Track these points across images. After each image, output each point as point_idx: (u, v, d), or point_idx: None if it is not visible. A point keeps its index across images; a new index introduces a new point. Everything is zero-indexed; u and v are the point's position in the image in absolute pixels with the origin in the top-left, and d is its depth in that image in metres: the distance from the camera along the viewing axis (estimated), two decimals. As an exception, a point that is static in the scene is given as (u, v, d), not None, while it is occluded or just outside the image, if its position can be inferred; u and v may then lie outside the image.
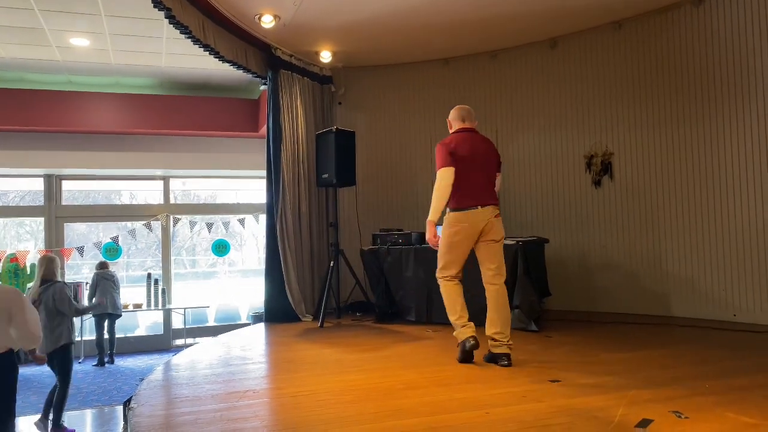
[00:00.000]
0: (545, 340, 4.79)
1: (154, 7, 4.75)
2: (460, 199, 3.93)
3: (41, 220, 10.05)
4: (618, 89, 5.98)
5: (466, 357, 3.86)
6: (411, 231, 6.21)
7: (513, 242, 5.33)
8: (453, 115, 4.20)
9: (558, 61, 6.34)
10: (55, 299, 5.50)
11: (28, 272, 9.25)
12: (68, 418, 6.42)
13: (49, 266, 5.63)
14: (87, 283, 9.20)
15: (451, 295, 4.02)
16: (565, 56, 6.29)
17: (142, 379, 3.87)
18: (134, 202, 11.37)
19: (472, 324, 3.90)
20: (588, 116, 6.17)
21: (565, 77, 6.30)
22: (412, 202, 6.98)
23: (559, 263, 6.11)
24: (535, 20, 5.88)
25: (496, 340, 3.80)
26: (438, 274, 4.10)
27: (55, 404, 5.54)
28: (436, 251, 5.56)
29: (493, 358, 3.83)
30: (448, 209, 3.99)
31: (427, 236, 4.06)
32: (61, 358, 5.49)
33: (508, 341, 3.81)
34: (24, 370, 8.59)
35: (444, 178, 3.91)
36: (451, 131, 4.14)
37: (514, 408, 2.85)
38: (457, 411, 2.83)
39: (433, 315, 5.66)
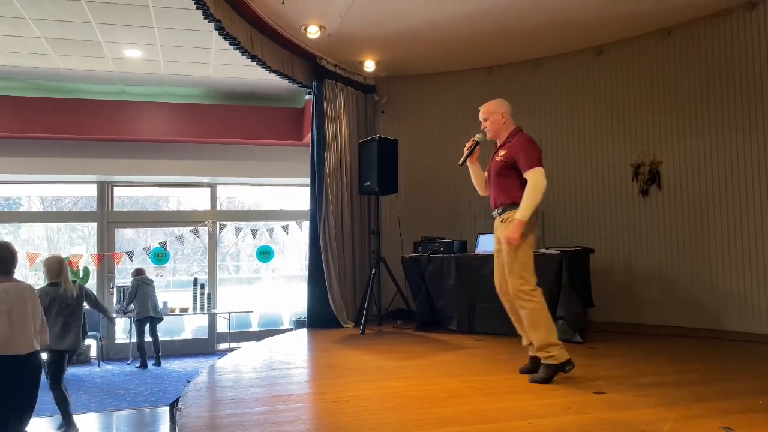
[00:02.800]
0: (590, 351, 4.71)
1: (205, 18, 4.89)
2: None
3: (93, 225, 10.39)
4: (667, 97, 5.85)
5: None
6: (453, 239, 6.20)
7: (557, 252, 5.28)
8: (510, 109, 3.86)
9: (605, 69, 6.25)
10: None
11: (81, 275, 9.58)
12: (116, 418, 6.63)
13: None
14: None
15: (547, 310, 3.58)
16: (612, 63, 6.20)
17: (189, 381, 3.96)
18: (180, 209, 11.67)
19: None
20: (635, 124, 6.05)
21: (612, 85, 6.20)
22: (454, 210, 6.97)
23: (605, 274, 6.00)
24: (580, 28, 5.81)
25: None
26: (528, 287, 3.54)
27: None
28: (477, 261, 5.55)
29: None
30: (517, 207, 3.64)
31: (516, 235, 3.50)
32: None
33: None
34: (75, 370, 8.89)
35: (544, 178, 3.58)
36: (504, 122, 3.83)
37: (558, 419, 2.81)
38: (500, 420, 2.82)
39: (475, 324, 5.63)
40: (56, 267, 5.55)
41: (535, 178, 3.57)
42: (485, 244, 5.91)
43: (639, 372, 3.94)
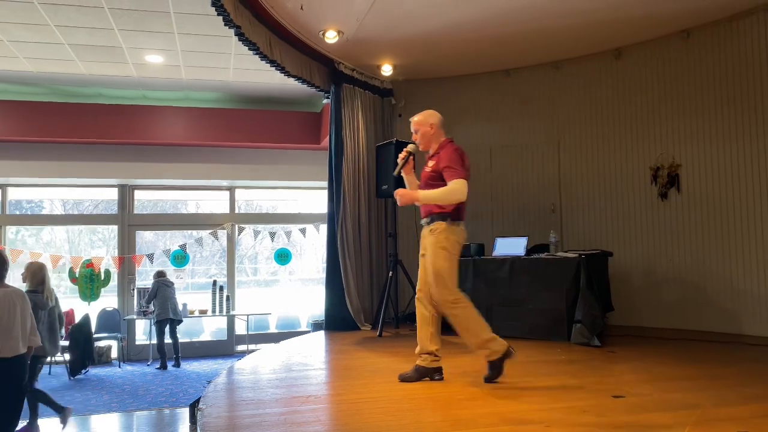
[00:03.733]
0: (608, 355, 4.70)
1: (225, 25, 4.96)
2: (462, 211, 3.75)
3: (114, 227, 10.55)
4: (686, 99, 5.82)
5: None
6: (470, 242, 6.20)
7: (575, 255, 5.28)
8: (440, 121, 3.93)
9: (623, 72, 6.23)
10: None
11: (102, 277, 9.73)
12: (137, 418, 6.72)
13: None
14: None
15: (475, 313, 3.66)
16: (630, 66, 6.18)
17: (209, 382, 4.02)
18: (199, 212, 11.79)
19: None
20: (654, 127, 6.02)
21: (630, 88, 6.18)
22: (471, 213, 6.94)
23: (623, 277, 5.97)
24: (599, 30, 5.81)
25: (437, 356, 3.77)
26: (452, 297, 3.62)
27: None
28: (495, 265, 5.57)
29: (429, 374, 3.76)
30: (448, 220, 3.67)
31: (406, 199, 3.69)
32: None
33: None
34: (97, 370, 9.03)
35: (465, 191, 3.61)
36: (433, 133, 3.87)
37: (575, 422, 2.82)
38: (517, 423, 2.83)
39: (493, 327, 5.60)
40: (40, 275, 5.58)
41: (456, 186, 3.59)
42: (503, 247, 5.92)
43: (658, 376, 3.92)
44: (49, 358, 6.97)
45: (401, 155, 3.96)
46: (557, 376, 3.87)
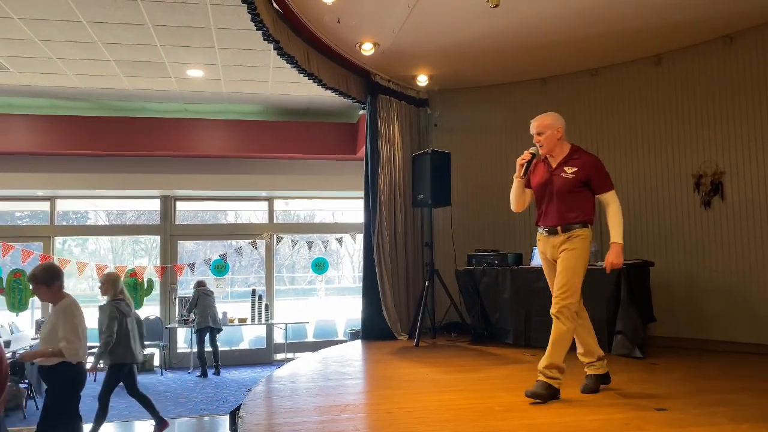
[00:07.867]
0: (650, 367, 4.60)
1: (264, 39, 5.06)
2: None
3: (155, 237, 10.81)
4: (729, 106, 5.68)
5: None
6: (507, 252, 6.17)
7: (615, 265, 5.18)
8: (565, 124, 3.88)
9: (663, 78, 6.12)
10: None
11: (145, 287, 9.97)
12: (178, 425, 6.84)
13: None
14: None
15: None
16: (671, 72, 6.06)
17: (249, 390, 4.09)
18: (238, 222, 11.99)
19: None
20: (696, 134, 5.89)
21: (671, 94, 6.07)
22: (508, 222, 6.92)
23: (665, 288, 5.84)
24: (637, 37, 5.72)
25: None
26: (572, 304, 3.57)
27: None
28: (533, 274, 5.51)
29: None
30: (587, 226, 3.78)
31: (619, 260, 3.75)
32: None
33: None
34: (140, 377, 9.21)
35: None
36: (560, 138, 3.82)
37: (616, 435, 2.77)
38: (556, 435, 2.80)
39: (531, 338, 5.57)
40: (119, 284, 5.78)
41: (617, 201, 3.81)
42: (540, 257, 5.85)
43: (702, 389, 3.82)
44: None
45: (525, 157, 3.85)
46: (598, 388, 3.80)
